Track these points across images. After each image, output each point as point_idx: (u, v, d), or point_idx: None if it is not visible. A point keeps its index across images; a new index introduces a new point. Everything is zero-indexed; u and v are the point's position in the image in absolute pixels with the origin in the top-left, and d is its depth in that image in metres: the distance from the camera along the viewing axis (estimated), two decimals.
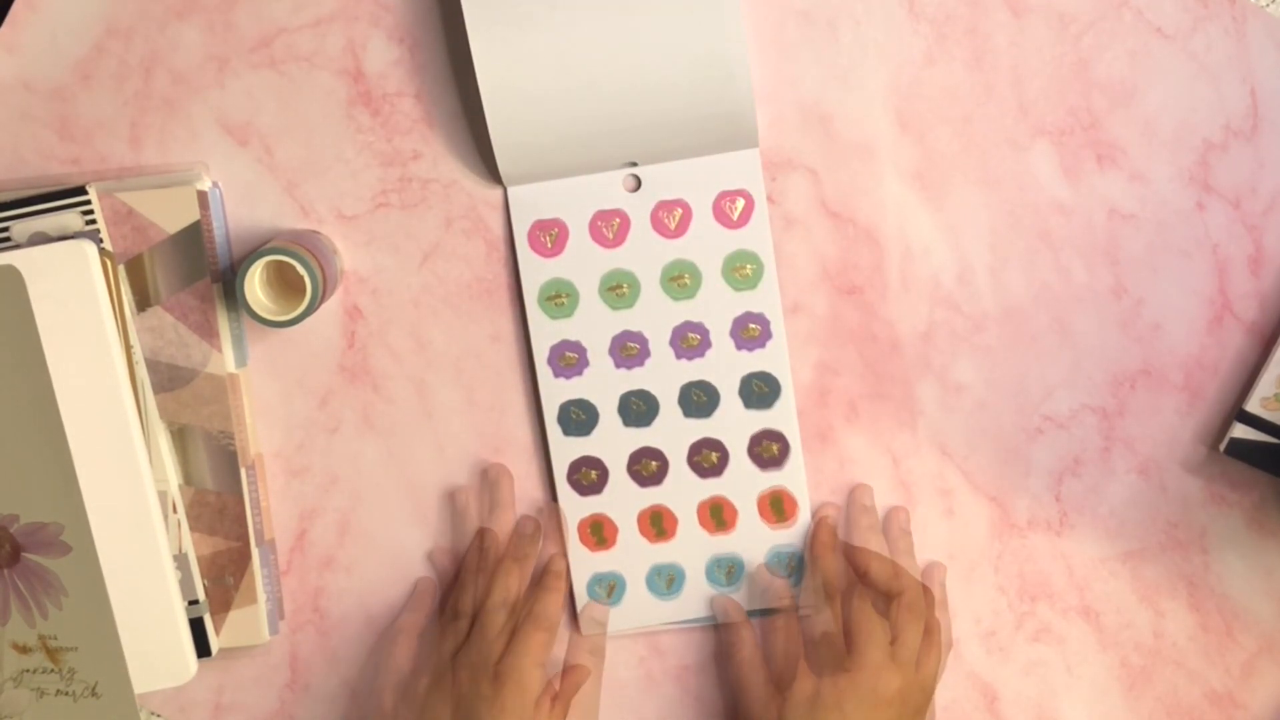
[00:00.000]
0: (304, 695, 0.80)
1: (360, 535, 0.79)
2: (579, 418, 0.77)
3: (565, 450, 0.77)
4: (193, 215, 0.74)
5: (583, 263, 0.76)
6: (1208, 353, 0.77)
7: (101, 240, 0.74)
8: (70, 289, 0.72)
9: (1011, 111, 0.76)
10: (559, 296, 0.76)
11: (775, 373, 0.76)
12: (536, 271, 0.76)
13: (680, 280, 0.76)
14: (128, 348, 0.74)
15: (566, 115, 0.73)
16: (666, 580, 0.78)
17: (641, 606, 0.78)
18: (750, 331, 0.76)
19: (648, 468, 0.77)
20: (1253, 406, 0.75)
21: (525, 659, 0.71)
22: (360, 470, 0.78)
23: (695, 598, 0.78)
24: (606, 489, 0.77)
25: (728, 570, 0.78)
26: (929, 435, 0.78)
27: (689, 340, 0.76)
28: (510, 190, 0.76)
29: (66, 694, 0.74)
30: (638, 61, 0.72)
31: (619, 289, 0.76)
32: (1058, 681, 0.79)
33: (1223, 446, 0.76)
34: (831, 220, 0.77)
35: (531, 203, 0.76)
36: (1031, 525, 0.78)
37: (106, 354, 0.72)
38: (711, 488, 0.77)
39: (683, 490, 0.77)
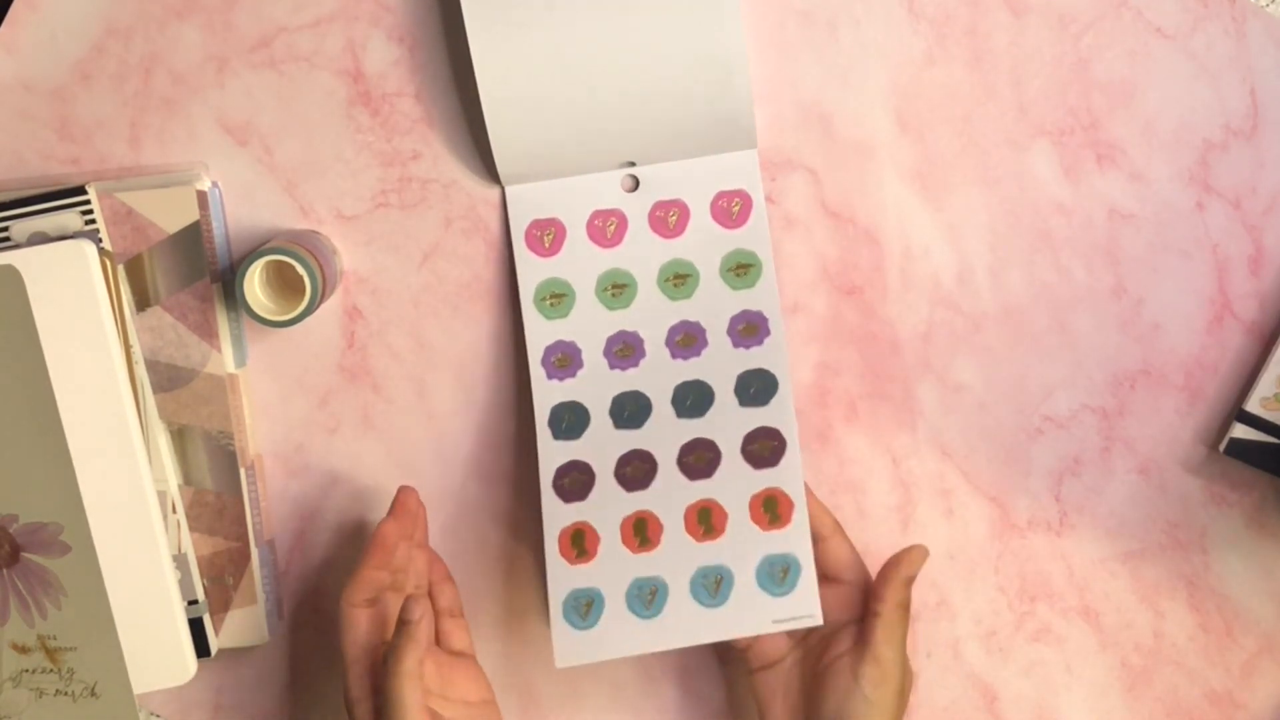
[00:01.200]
0: (304, 695, 0.80)
1: (360, 535, 0.79)
2: (570, 420, 0.76)
3: (554, 455, 0.75)
4: (192, 215, 0.74)
5: (580, 262, 0.76)
6: (1208, 353, 0.77)
7: (101, 240, 0.74)
8: (70, 289, 0.72)
9: (1011, 111, 0.76)
10: (555, 296, 0.76)
11: (773, 369, 0.75)
12: (533, 271, 0.76)
13: (678, 280, 0.76)
14: (127, 348, 0.74)
15: (565, 115, 0.73)
16: (648, 595, 0.72)
17: (620, 629, 0.71)
18: (748, 329, 0.75)
19: (636, 470, 0.74)
20: (1253, 406, 0.75)
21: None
22: (360, 470, 0.78)
23: (678, 618, 0.71)
24: (592, 494, 0.74)
25: (715, 583, 0.72)
26: (929, 435, 0.78)
27: (685, 340, 0.76)
28: (508, 190, 0.76)
29: (66, 694, 0.74)
30: (637, 61, 0.72)
31: (616, 289, 0.76)
32: (1058, 681, 0.79)
33: (1223, 446, 0.76)
34: (831, 220, 0.77)
35: (529, 202, 0.76)
36: (1031, 525, 0.78)
37: (106, 354, 0.72)
38: (701, 490, 0.73)
39: (670, 494, 0.73)
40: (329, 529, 0.79)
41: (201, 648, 0.76)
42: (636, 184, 0.75)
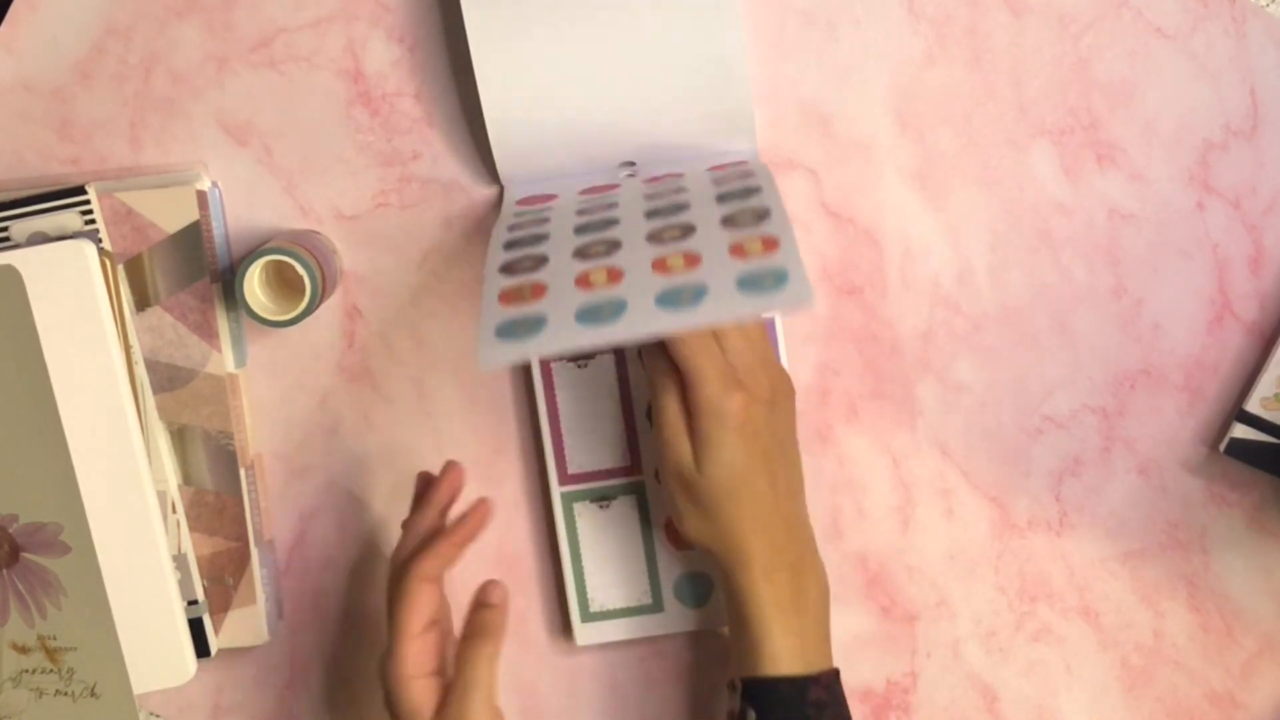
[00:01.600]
0: (304, 695, 0.80)
1: (360, 535, 0.79)
2: (526, 266, 0.64)
3: (500, 257, 0.65)
4: (192, 215, 0.74)
5: (565, 204, 0.71)
6: (1208, 353, 0.77)
7: (101, 240, 0.74)
8: (70, 289, 0.72)
9: (1011, 111, 0.76)
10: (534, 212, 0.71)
11: (759, 179, 0.66)
12: (515, 217, 0.71)
13: (665, 180, 0.71)
14: (127, 348, 0.74)
15: (565, 115, 0.73)
16: (605, 311, 0.58)
17: (566, 335, 0.57)
18: (732, 175, 0.68)
19: (597, 248, 0.63)
20: (1253, 406, 0.75)
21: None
22: (360, 470, 0.78)
23: (642, 321, 0.57)
24: (543, 269, 0.62)
25: (690, 294, 0.58)
26: (929, 435, 0.78)
27: (664, 187, 0.69)
28: (508, 188, 0.76)
29: (66, 694, 0.74)
30: (636, 62, 0.72)
31: (598, 197, 0.71)
32: (1058, 681, 0.79)
33: (1223, 446, 0.76)
34: (831, 220, 0.77)
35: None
36: (1031, 525, 0.78)
37: (106, 354, 0.72)
38: (671, 249, 0.61)
39: (636, 255, 0.61)
40: (329, 529, 0.79)
41: (201, 648, 0.76)
42: None
